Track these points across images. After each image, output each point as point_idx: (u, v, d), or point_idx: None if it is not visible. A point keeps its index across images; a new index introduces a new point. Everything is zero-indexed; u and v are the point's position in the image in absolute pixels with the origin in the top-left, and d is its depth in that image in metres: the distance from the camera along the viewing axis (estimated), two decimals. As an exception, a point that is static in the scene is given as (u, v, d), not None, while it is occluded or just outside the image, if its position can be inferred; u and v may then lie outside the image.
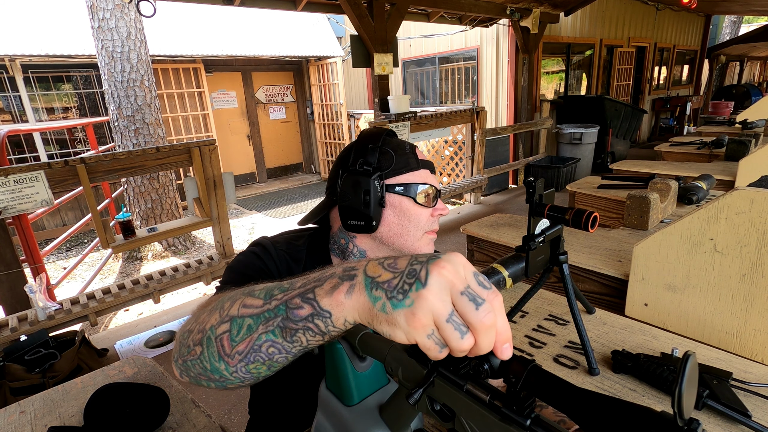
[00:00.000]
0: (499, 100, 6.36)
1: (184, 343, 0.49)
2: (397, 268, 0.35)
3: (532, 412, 0.34)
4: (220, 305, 0.47)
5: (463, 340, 0.32)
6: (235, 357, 0.43)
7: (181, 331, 0.52)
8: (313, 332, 0.39)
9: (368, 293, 0.35)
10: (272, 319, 0.41)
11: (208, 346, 0.45)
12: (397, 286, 0.34)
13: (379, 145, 0.80)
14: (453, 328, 0.32)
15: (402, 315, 0.33)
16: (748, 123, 3.67)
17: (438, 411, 0.42)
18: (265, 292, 0.43)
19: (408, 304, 0.33)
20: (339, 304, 0.37)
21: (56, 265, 4.43)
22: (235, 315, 0.44)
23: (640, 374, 0.85)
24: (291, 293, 0.41)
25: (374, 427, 0.51)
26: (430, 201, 0.81)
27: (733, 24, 15.27)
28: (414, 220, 0.80)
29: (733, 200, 1.04)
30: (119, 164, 2.47)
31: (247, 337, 0.42)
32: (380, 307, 0.34)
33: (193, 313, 0.54)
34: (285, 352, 0.41)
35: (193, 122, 6.31)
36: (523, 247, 0.87)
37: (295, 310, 0.39)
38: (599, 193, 2.28)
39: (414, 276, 0.34)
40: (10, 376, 1.96)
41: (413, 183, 0.79)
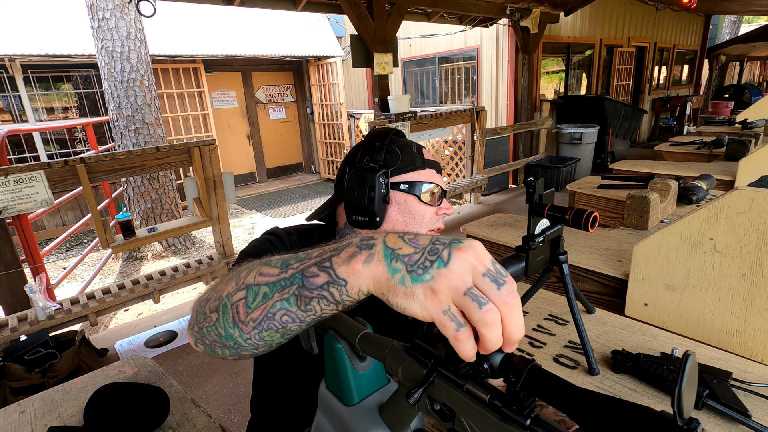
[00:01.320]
0: (499, 100, 6.36)
1: (200, 311, 0.50)
2: (419, 244, 0.36)
3: (532, 412, 0.34)
4: (237, 275, 0.48)
5: (482, 311, 0.32)
6: (249, 324, 0.44)
7: (198, 300, 0.53)
8: (328, 301, 0.39)
9: (387, 264, 0.35)
10: (288, 287, 0.41)
11: (223, 313, 0.46)
12: (418, 261, 0.34)
13: (386, 144, 0.81)
14: (471, 299, 0.32)
15: (421, 289, 0.33)
16: (748, 123, 3.67)
17: (438, 411, 0.42)
18: (282, 261, 0.44)
19: (428, 279, 0.33)
20: (356, 272, 0.37)
21: (56, 265, 4.43)
22: (251, 283, 0.44)
23: (640, 374, 0.85)
24: (307, 262, 0.41)
25: (374, 427, 0.51)
26: (435, 200, 0.82)
27: (733, 24, 15.27)
28: (418, 217, 0.81)
29: (733, 200, 1.04)
30: (119, 164, 2.47)
31: (262, 305, 0.42)
32: (399, 279, 0.35)
33: (210, 286, 0.55)
34: (299, 321, 0.42)
35: (193, 122, 6.30)
36: (523, 247, 0.87)
37: (311, 278, 0.39)
38: (599, 193, 2.28)
39: (436, 254, 0.34)
40: (10, 376, 1.96)
41: (418, 181, 0.81)
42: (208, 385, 2.27)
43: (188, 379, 2.31)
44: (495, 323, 0.33)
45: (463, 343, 0.33)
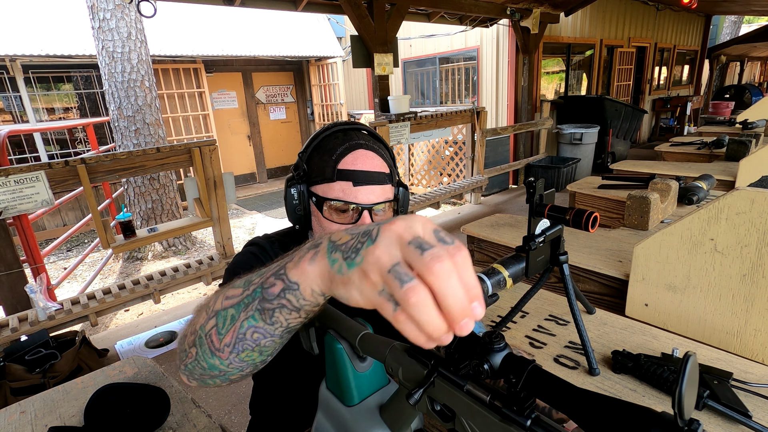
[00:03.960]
0: (500, 100, 6.36)
1: (182, 349, 0.50)
2: (357, 230, 0.35)
3: (532, 413, 0.34)
4: (206, 305, 0.48)
5: (403, 288, 0.29)
6: (224, 350, 0.43)
7: (180, 336, 0.53)
8: (288, 309, 0.39)
9: (328, 257, 0.35)
10: (251, 304, 0.41)
11: (200, 345, 0.46)
12: (352, 246, 0.34)
13: (311, 148, 0.77)
14: (393, 277, 0.30)
15: (355, 273, 0.32)
16: (749, 123, 3.67)
17: (438, 411, 0.42)
18: (245, 280, 0.44)
19: (359, 261, 0.32)
20: (304, 273, 0.37)
21: (57, 265, 4.43)
22: (219, 309, 0.44)
23: (640, 374, 0.85)
24: (266, 274, 0.41)
25: (374, 427, 0.51)
26: (345, 218, 0.74)
27: (734, 24, 15.26)
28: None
29: (733, 200, 1.04)
30: (119, 164, 2.47)
31: (231, 328, 0.42)
32: (337, 269, 0.34)
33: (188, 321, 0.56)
34: (269, 336, 0.42)
35: (193, 122, 6.31)
36: (524, 247, 0.87)
37: (269, 288, 0.39)
38: (599, 194, 2.28)
39: (367, 235, 0.33)
40: (10, 376, 1.96)
41: (322, 196, 0.74)
42: (208, 385, 2.27)
43: (188, 379, 2.31)
44: (419, 303, 0.29)
45: (403, 325, 0.30)
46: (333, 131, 0.77)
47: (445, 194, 4.63)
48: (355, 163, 0.73)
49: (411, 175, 6.04)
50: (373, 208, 0.73)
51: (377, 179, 0.74)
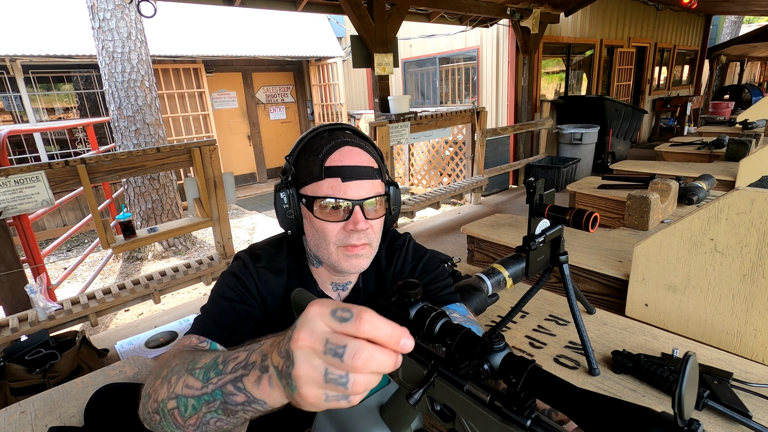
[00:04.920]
0: (500, 100, 6.36)
1: (145, 407, 0.54)
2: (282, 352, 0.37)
3: (532, 413, 0.34)
4: (169, 378, 0.52)
5: (349, 388, 0.34)
6: (189, 428, 0.48)
7: (144, 391, 0.57)
8: (254, 412, 0.43)
9: (280, 382, 0.38)
10: (212, 402, 0.45)
11: (163, 417, 0.50)
12: (284, 371, 0.37)
13: (297, 150, 0.77)
14: (334, 384, 0.34)
15: (298, 397, 0.36)
16: (749, 123, 3.67)
17: (438, 411, 0.42)
18: (204, 372, 0.47)
19: (294, 386, 0.36)
20: (269, 395, 0.40)
21: (57, 265, 4.43)
22: (180, 394, 0.48)
23: (640, 374, 0.85)
24: (224, 378, 0.44)
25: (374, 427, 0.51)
26: (336, 215, 0.72)
27: (734, 24, 15.26)
28: (321, 234, 0.74)
29: (733, 200, 1.04)
30: (119, 164, 2.47)
31: (194, 414, 0.47)
32: (289, 395, 0.37)
33: (155, 367, 0.60)
34: (232, 424, 0.46)
35: (193, 122, 6.31)
36: (524, 248, 0.87)
37: (230, 396, 0.43)
38: (599, 194, 2.28)
39: (288, 357, 0.36)
40: (10, 376, 1.96)
41: (311, 195, 0.73)
42: (208, 385, 2.26)
43: (188, 379, 2.31)
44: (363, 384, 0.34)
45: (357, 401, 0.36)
46: (318, 132, 0.77)
47: (445, 194, 4.63)
48: (342, 159, 0.72)
49: (411, 175, 6.04)
50: (363, 204, 0.72)
51: (366, 174, 0.73)
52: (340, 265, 0.75)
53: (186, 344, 0.69)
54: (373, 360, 0.34)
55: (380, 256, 0.87)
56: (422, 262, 0.88)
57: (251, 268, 0.80)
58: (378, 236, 0.78)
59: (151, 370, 0.60)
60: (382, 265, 0.87)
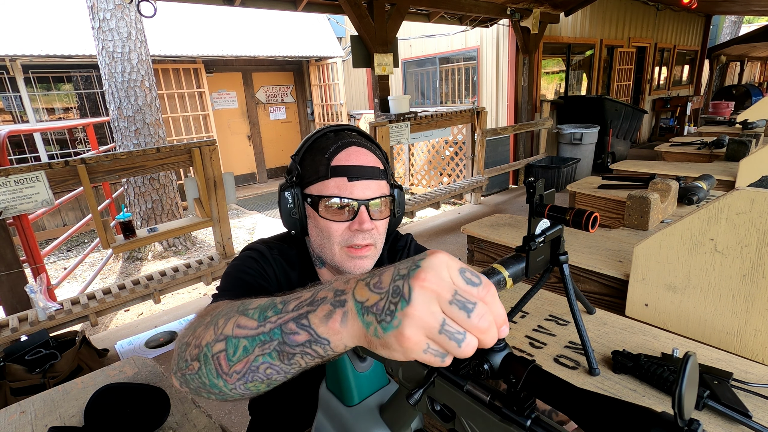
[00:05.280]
0: (500, 100, 6.36)
1: (182, 357, 0.49)
2: (382, 287, 0.35)
3: (532, 413, 0.34)
4: (214, 321, 0.47)
5: (461, 347, 0.32)
6: (233, 376, 0.43)
7: (178, 342, 0.52)
8: (312, 356, 0.39)
9: (361, 319, 0.35)
10: (268, 343, 0.41)
11: (205, 363, 0.45)
12: (384, 308, 0.33)
13: (303, 150, 0.76)
14: (448, 338, 0.32)
15: (393, 337, 0.33)
16: (749, 123, 3.67)
17: (438, 411, 0.42)
18: (259, 312, 0.43)
19: (396, 325, 0.32)
20: (337, 333, 0.37)
21: (57, 265, 4.43)
22: (230, 335, 0.44)
23: (640, 374, 0.85)
24: (285, 317, 0.40)
25: (374, 427, 0.51)
26: (342, 215, 0.72)
27: (734, 24, 15.26)
28: (326, 233, 0.74)
29: (733, 200, 1.04)
30: (119, 164, 2.47)
31: (243, 358, 0.42)
32: (373, 332, 0.34)
33: (189, 324, 0.54)
34: (283, 373, 0.42)
35: (193, 122, 6.31)
36: (524, 248, 0.87)
37: (291, 335, 0.39)
38: (599, 194, 2.28)
39: (398, 294, 0.33)
40: (10, 376, 1.96)
41: (317, 195, 0.73)
42: (208, 385, 2.27)
43: (188, 379, 2.31)
44: (473, 347, 0.33)
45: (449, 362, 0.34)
46: (324, 132, 0.77)
47: (445, 194, 4.63)
48: (348, 159, 0.72)
49: (411, 175, 6.04)
50: (369, 204, 0.72)
51: (372, 174, 0.73)
52: (343, 266, 0.75)
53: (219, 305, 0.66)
54: (492, 329, 0.33)
55: (383, 258, 0.86)
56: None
57: (268, 255, 0.79)
58: (382, 238, 0.78)
59: (188, 325, 0.55)
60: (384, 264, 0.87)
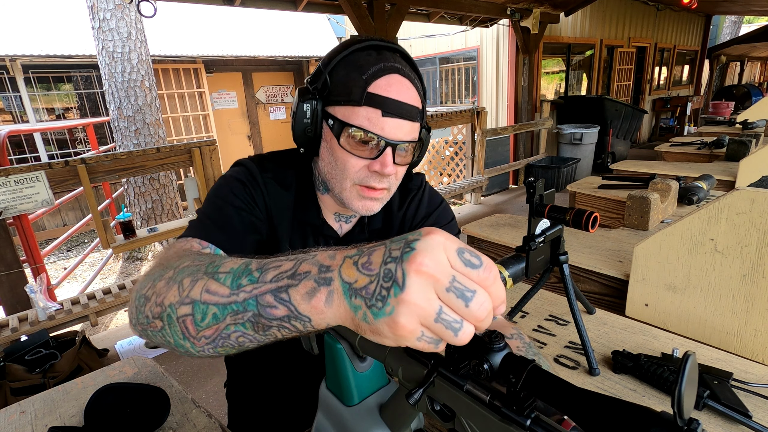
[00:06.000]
0: (500, 100, 6.36)
1: (140, 311, 0.45)
2: (372, 269, 0.32)
3: (532, 412, 0.34)
4: (178, 280, 0.43)
5: (458, 336, 0.30)
6: (201, 340, 0.40)
7: (136, 293, 0.47)
8: (290, 330, 0.36)
9: (348, 301, 0.32)
10: (241, 313, 0.37)
11: (169, 324, 0.42)
12: (375, 292, 0.31)
13: (337, 60, 0.65)
14: (444, 327, 0.30)
15: (385, 324, 0.30)
16: (749, 123, 3.67)
17: (438, 411, 0.42)
18: (232, 278, 0.39)
19: (389, 312, 0.30)
20: (320, 313, 0.34)
21: (57, 265, 4.43)
22: (197, 299, 0.40)
23: (640, 374, 0.85)
24: (262, 287, 0.37)
25: (374, 427, 0.51)
26: (364, 150, 0.64)
27: (734, 24, 15.26)
28: (340, 165, 0.66)
29: (733, 200, 1.04)
30: (120, 164, 2.47)
31: (213, 325, 0.39)
32: (362, 317, 0.32)
33: (150, 271, 0.50)
34: (257, 342, 0.39)
35: (193, 122, 6.31)
36: (524, 248, 0.87)
37: (268, 308, 0.36)
38: (599, 194, 2.28)
39: (390, 278, 0.30)
40: (10, 376, 1.96)
41: (342, 120, 0.63)
42: (208, 385, 2.27)
43: (188, 379, 2.31)
44: (470, 335, 0.31)
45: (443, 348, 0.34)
46: (365, 46, 0.65)
47: (445, 194, 4.63)
48: (388, 89, 0.62)
49: (411, 175, 6.03)
50: (397, 147, 0.65)
51: (409, 114, 0.64)
52: (351, 203, 0.68)
53: (186, 248, 0.59)
54: (490, 316, 0.31)
55: (394, 198, 0.80)
56: (437, 211, 0.83)
57: (258, 177, 0.71)
58: (398, 183, 0.72)
59: (147, 271, 0.50)
60: (393, 204, 0.81)
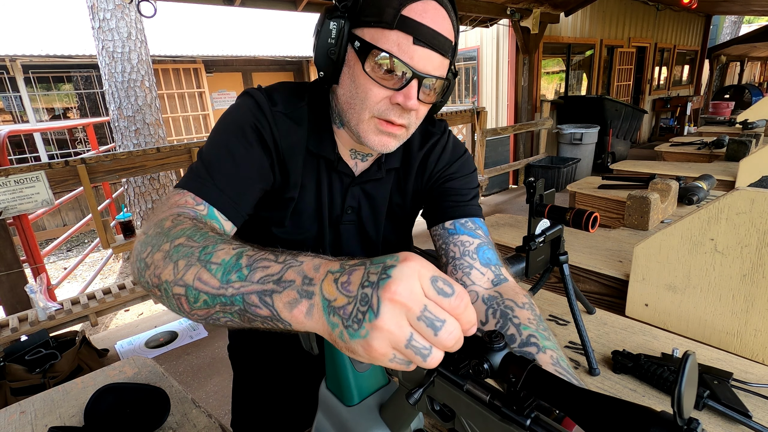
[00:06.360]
0: (500, 100, 6.36)
1: (142, 275, 0.48)
2: (351, 290, 0.33)
3: (532, 412, 0.34)
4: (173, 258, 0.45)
5: (426, 361, 0.32)
6: (194, 316, 0.44)
7: (137, 253, 0.50)
8: (273, 328, 0.39)
9: (327, 318, 0.34)
10: (229, 306, 0.40)
11: (167, 297, 0.45)
12: (352, 314, 0.33)
13: None
14: (414, 353, 0.32)
15: (359, 345, 0.32)
16: (749, 123, 3.67)
17: (438, 411, 0.42)
18: (222, 271, 0.41)
19: (363, 335, 0.32)
20: (300, 323, 0.36)
21: (57, 265, 4.43)
22: (190, 284, 0.43)
23: (640, 374, 0.85)
24: (248, 287, 0.39)
25: (374, 427, 0.51)
26: (389, 80, 0.59)
27: (734, 24, 15.26)
28: (360, 94, 0.61)
29: (733, 200, 1.04)
30: (120, 164, 2.47)
31: (204, 309, 0.42)
32: (338, 335, 0.33)
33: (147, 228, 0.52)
34: (245, 327, 0.42)
35: (193, 122, 6.31)
36: (524, 248, 0.87)
37: (253, 307, 0.38)
38: (599, 194, 2.28)
39: (366, 303, 0.32)
40: (10, 376, 1.96)
41: (370, 43, 0.58)
42: (208, 385, 2.27)
43: (188, 379, 2.31)
44: (438, 360, 0.33)
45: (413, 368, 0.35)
46: None
47: (445, 194, 4.62)
48: (423, 15, 0.57)
49: (411, 175, 6.03)
50: (424, 80, 0.59)
51: (442, 46, 0.59)
52: (367, 138, 0.64)
53: (180, 203, 0.60)
54: (459, 342, 0.33)
55: (413, 138, 0.76)
56: (460, 160, 0.79)
57: (267, 110, 0.66)
58: (418, 123, 0.67)
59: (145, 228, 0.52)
60: (413, 144, 0.77)
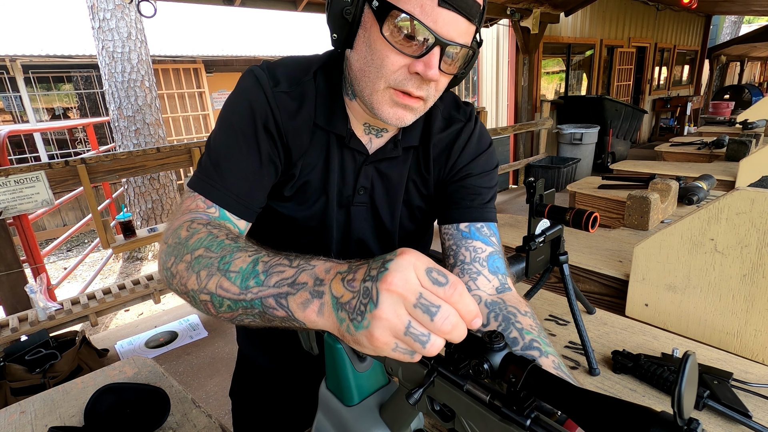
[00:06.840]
0: (500, 100, 6.36)
1: (170, 282, 0.52)
2: (354, 286, 0.36)
3: (532, 412, 0.34)
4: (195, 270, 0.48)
5: (426, 348, 0.34)
6: (221, 318, 0.48)
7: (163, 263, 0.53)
8: (291, 327, 0.42)
9: (336, 314, 0.37)
10: (250, 309, 0.44)
11: (194, 303, 0.49)
12: (356, 307, 0.35)
13: None
14: (413, 339, 0.34)
15: (363, 336, 0.34)
16: (749, 123, 3.67)
17: (438, 411, 0.42)
18: (241, 278, 0.44)
19: (365, 325, 0.34)
20: (312, 322, 0.39)
21: (57, 265, 4.43)
22: (213, 292, 0.46)
23: (640, 374, 0.85)
24: (265, 291, 0.42)
25: (374, 427, 0.51)
26: (405, 45, 0.53)
27: (734, 24, 15.27)
28: (377, 60, 0.55)
29: (733, 200, 1.04)
30: (120, 164, 2.47)
31: (229, 312, 0.46)
32: (345, 328, 0.36)
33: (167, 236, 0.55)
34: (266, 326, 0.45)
35: (193, 122, 6.31)
36: (524, 248, 0.87)
37: (270, 309, 0.42)
38: (599, 194, 2.28)
39: (368, 296, 0.34)
40: (10, 376, 1.96)
41: (391, 2, 0.51)
42: (208, 385, 2.27)
43: (188, 379, 2.31)
44: (438, 347, 0.34)
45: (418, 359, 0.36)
46: None
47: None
48: None
49: (411, 175, 6.03)
50: (447, 49, 0.53)
51: (469, 9, 0.52)
52: (380, 109, 0.58)
53: (192, 208, 0.59)
54: (457, 329, 0.34)
55: (436, 114, 0.70)
56: (485, 154, 0.73)
57: (269, 92, 0.61)
58: (437, 96, 0.61)
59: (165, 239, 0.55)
60: (435, 123, 0.70)
